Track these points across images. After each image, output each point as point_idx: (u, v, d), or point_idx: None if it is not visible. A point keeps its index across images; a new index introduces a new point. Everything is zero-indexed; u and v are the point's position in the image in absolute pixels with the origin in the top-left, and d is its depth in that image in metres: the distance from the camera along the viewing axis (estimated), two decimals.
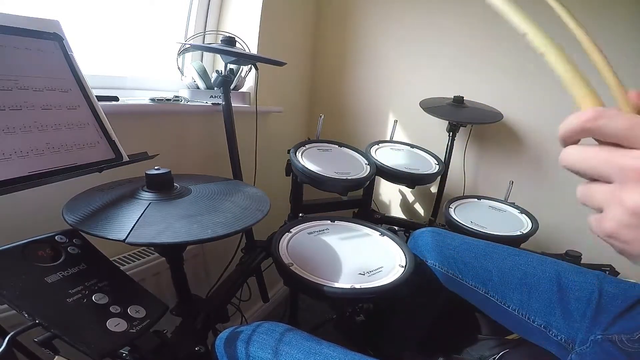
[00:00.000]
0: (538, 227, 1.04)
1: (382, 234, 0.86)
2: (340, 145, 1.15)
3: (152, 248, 0.83)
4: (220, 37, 0.92)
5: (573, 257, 0.99)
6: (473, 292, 0.73)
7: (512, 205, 1.16)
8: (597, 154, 0.23)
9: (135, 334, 0.43)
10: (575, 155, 0.24)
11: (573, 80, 0.27)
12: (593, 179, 0.24)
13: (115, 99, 0.81)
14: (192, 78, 1.05)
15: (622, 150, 0.22)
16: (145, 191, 0.59)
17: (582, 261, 1.00)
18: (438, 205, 1.32)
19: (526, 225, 1.06)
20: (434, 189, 1.43)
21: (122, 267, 0.76)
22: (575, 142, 0.25)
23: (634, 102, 0.27)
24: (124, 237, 0.46)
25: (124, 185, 0.64)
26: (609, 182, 0.23)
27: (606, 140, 0.23)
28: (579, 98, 0.26)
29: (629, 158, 0.22)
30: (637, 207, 0.21)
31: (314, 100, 1.67)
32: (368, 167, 1.07)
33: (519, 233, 1.01)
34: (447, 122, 1.23)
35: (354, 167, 1.06)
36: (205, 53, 1.20)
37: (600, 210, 0.24)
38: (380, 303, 1.00)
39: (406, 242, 0.86)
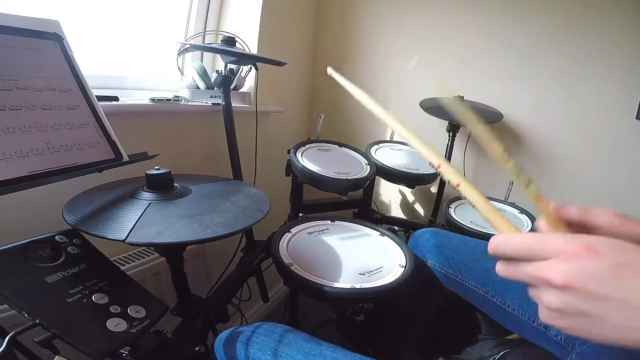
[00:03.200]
0: None
1: (382, 234, 0.86)
2: (340, 145, 1.15)
3: (152, 248, 0.82)
4: (220, 37, 0.92)
5: None
6: (473, 292, 0.73)
7: (512, 205, 1.16)
8: (516, 269, 0.29)
9: (135, 334, 0.43)
10: (503, 271, 0.30)
11: (489, 211, 0.32)
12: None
13: (115, 99, 0.81)
14: (192, 78, 1.05)
15: (531, 264, 0.28)
16: (146, 191, 0.59)
17: None
18: (438, 205, 1.32)
19: (526, 225, 1.06)
20: (434, 189, 1.43)
21: (122, 267, 0.76)
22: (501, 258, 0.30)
23: (554, 214, 0.34)
24: (124, 237, 0.46)
25: (124, 185, 0.64)
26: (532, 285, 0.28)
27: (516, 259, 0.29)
28: (496, 227, 0.31)
29: (536, 271, 0.27)
30: (555, 306, 0.26)
31: (314, 100, 1.67)
32: (368, 167, 1.07)
33: None
34: (447, 122, 1.23)
35: (354, 167, 1.06)
36: (205, 53, 1.20)
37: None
38: (380, 303, 1.00)
39: (406, 242, 0.86)
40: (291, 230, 0.81)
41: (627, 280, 0.24)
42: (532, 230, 1.03)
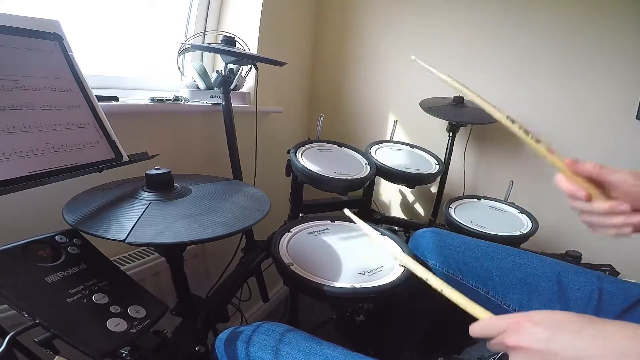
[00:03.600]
0: (538, 227, 1.04)
1: (382, 234, 0.86)
2: (340, 145, 1.15)
3: (152, 248, 0.82)
4: (220, 37, 0.92)
5: (573, 257, 0.99)
6: (473, 292, 0.73)
7: (512, 205, 1.16)
8: (491, 341, 0.40)
9: (135, 334, 0.43)
10: (488, 343, 0.41)
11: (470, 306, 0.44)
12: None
13: (115, 99, 0.81)
14: (192, 78, 1.05)
15: (495, 337, 0.39)
16: (146, 191, 0.59)
17: (582, 261, 1.00)
18: (438, 205, 1.32)
19: (526, 225, 1.06)
20: (434, 189, 1.43)
21: (122, 267, 0.76)
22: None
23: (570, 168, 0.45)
24: (124, 237, 0.46)
25: (124, 185, 0.64)
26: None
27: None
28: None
29: (497, 339, 0.38)
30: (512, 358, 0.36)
31: (314, 100, 1.67)
32: (368, 167, 1.07)
33: (519, 233, 1.01)
34: (447, 122, 1.23)
35: (354, 167, 1.06)
36: (205, 53, 1.20)
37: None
38: (380, 303, 1.00)
39: (406, 242, 0.86)
40: (291, 230, 0.81)
41: (556, 337, 0.33)
42: (532, 230, 1.02)
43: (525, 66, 1.26)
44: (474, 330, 0.41)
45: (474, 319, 0.43)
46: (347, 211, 0.67)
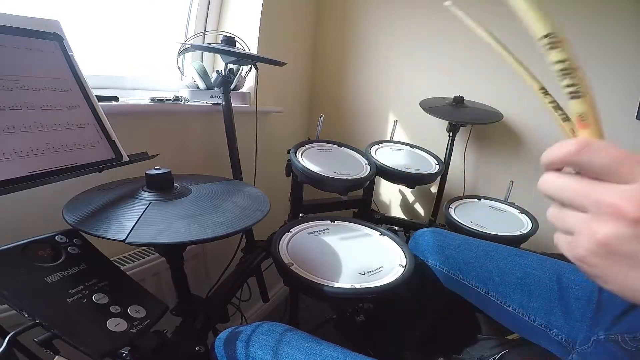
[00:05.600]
0: (538, 227, 1.04)
1: (382, 234, 0.86)
2: (340, 145, 1.15)
3: (152, 248, 0.82)
4: (220, 37, 0.92)
5: None
6: (473, 292, 0.73)
7: (512, 205, 1.16)
8: (576, 186, 0.24)
9: (135, 334, 0.43)
10: (554, 184, 0.26)
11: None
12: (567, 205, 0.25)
13: (115, 99, 0.81)
14: (192, 78, 1.05)
15: (601, 185, 0.23)
16: (146, 191, 0.59)
17: None
18: (438, 205, 1.32)
19: (526, 225, 1.06)
20: (434, 189, 1.43)
21: (122, 267, 0.76)
22: (558, 169, 0.26)
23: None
24: (124, 237, 0.46)
25: (124, 185, 0.64)
26: (583, 212, 0.24)
27: (586, 173, 0.24)
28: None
29: (606, 194, 0.23)
30: (607, 239, 0.22)
31: (314, 100, 1.67)
32: (368, 167, 1.07)
33: (519, 233, 1.01)
34: (447, 122, 1.23)
35: (354, 167, 1.06)
36: (205, 53, 1.20)
37: (569, 233, 0.26)
38: (380, 303, 1.00)
39: (406, 242, 0.86)
40: (291, 230, 0.81)
41: None
42: (532, 230, 1.02)
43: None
44: (585, 148, 0.24)
45: (472, 319, 0.39)
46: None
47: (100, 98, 0.70)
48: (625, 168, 0.22)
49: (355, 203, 1.24)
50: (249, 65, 1.09)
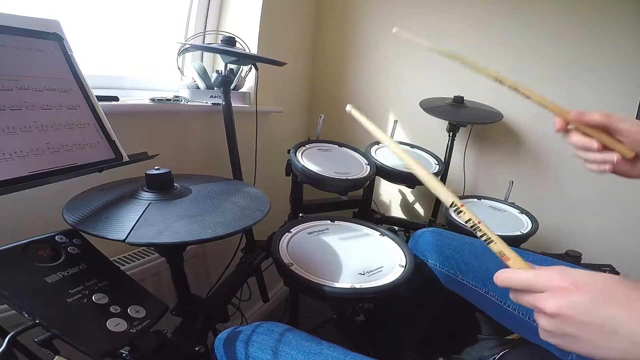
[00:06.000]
0: (538, 227, 1.04)
1: (382, 234, 0.86)
2: (340, 145, 1.15)
3: (152, 248, 0.82)
4: (220, 37, 0.92)
5: (573, 257, 0.99)
6: (473, 291, 0.73)
7: (512, 205, 1.16)
8: (519, 297, 0.36)
9: (135, 334, 0.43)
10: (511, 297, 0.37)
11: (505, 247, 0.37)
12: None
13: (115, 99, 0.81)
14: (192, 78, 1.05)
15: (529, 294, 0.35)
16: (146, 191, 0.59)
17: (582, 261, 1.00)
18: (438, 205, 1.32)
19: (526, 225, 1.06)
20: None
21: (122, 267, 0.76)
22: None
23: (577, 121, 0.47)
24: (124, 237, 0.46)
25: (124, 185, 0.64)
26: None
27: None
28: (510, 263, 0.37)
29: (531, 299, 0.34)
30: (544, 327, 0.34)
31: (314, 100, 1.67)
32: (368, 167, 1.07)
33: (519, 233, 1.01)
34: (447, 122, 1.23)
35: (354, 167, 1.06)
36: (205, 53, 1.20)
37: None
38: (380, 303, 1.00)
39: (406, 242, 0.86)
40: (291, 230, 0.81)
41: (603, 309, 0.30)
42: (532, 230, 1.02)
43: (525, 67, 1.26)
44: (503, 278, 0.36)
45: (472, 319, 0.42)
46: (349, 107, 0.52)
47: (100, 98, 0.70)
48: (534, 285, 0.34)
49: (355, 203, 1.24)
50: (249, 65, 1.09)
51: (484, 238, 0.38)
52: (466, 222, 0.38)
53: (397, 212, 1.58)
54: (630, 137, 0.45)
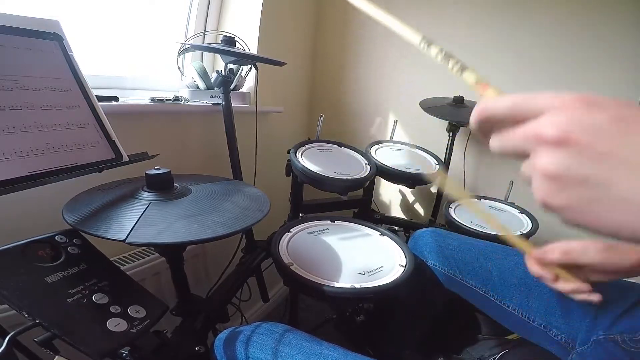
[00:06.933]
0: (538, 227, 1.04)
1: (382, 234, 0.86)
2: (340, 145, 1.15)
3: (152, 248, 0.82)
4: (220, 37, 0.92)
5: None
6: (473, 292, 0.73)
7: (512, 205, 1.16)
8: (511, 134, 0.25)
9: (135, 334, 0.43)
10: (496, 141, 0.26)
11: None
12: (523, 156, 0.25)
13: (115, 99, 0.81)
14: (192, 78, 1.05)
15: (525, 124, 0.24)
16: (146, 191, 0.59)
17: None
18: (438, 205, 1.32)
19: (526, 225, 1.06)
20: (434, 189, 1.43)
21: (122, 267, 0.76)
22: (489, 132, 0.27)
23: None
24: (124, 237, 0.46)
25: (124, 185, 0.64)
26: (528, 155, 0.24)
27: (505, 124, 0.25)
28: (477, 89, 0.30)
29: (528, 128, 0.23)
30: (545, 169, 0.22)
31: (314, 100, 1.67)
32: (368, 167, 1.07)
33: (518, 233, 1.01)
34: (447, 122, 1.23)
35: (354, 167, 1.06)
36: (205, 53, 1.20)
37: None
38: (380, 303, 1.00)
39: (406, 242, 0.86)
40: (291, 230, 0.81)
41: (633, 135, 0.20)
42: (532, 230, 1.02)
43: (524, 67, 1.26)
44: (482, 107, 0.26)
45: (472, 319, 0.42)
46: None
47: (100, 98, 0.70)
48: (527, 106, 0.23)
49: (355, 203, 1.24)
50: (249, 65, 1.09)
51: (455, 69, 0.32)
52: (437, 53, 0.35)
53: (397, 212, 1.58)
54: (593, 267, 0.48)
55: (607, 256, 0.47)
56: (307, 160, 0.98)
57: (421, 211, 1.53)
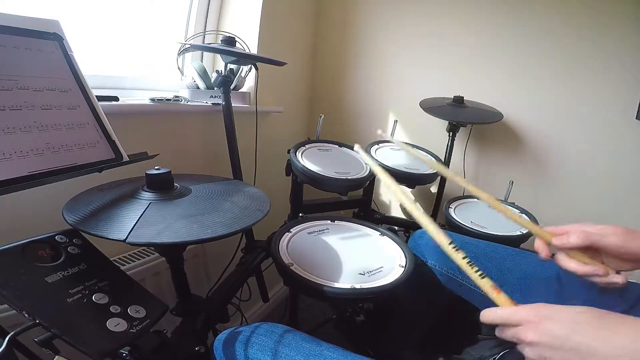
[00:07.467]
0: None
1: (382, 234, 0.86)
2: (340, 145, 1.15)
3: (152, 248, 0.82)
4: (220, 37, 0.92)
5: None
6: (472, 292, 0.73)
7: (512, 205, 1.16)
8: (504, 331, 0.41)
9: (135, 334, 0.43)
10: (497, 332, 0.43)
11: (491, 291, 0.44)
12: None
13: (115, 99, 0.81)
14: (192, 78, 1.05)
15: (513, 327, 0.40)
16: (146, 191, 0.59)
17: None
18: (438, 205, 1.32)
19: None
20: (434, 189, 1.43)
21: (122, 267, 0.76)
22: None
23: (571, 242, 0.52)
24: (124, 237, 0.46)
25: (124, 185, 0.64)
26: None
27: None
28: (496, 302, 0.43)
29: (513, 332, 0.40)
30: (528, 355, 0.39)
31: (314, 100, 1.67)
32: (368, 167, 1.07)
33: (519, 233, 1.01)
34: (447, 122, 1.23)
35: (354, 167, 1.06)
36: (205, 53, 1.20)
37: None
38: (380, 303, 1.00)
39: (406, 242, 0.86)
40: (291, 230, 0.81)
41: (573, 336, 0.35)
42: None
43: (524, 67, 1.26)
44: (487, 316, 0.42)
45: (472, 318, 0.44)
46: (357, 146, 0.70)
47: (100, 98, 0.70)
48: (512, 321, 0.40)
49: (355, 203, 1.24)
50: (249, 65, 1.09)
51: (478, 273, 0.45)
52: (462, 258, 0.47)
53: (397, 212, 1.58)
54: (612, 253, 0.48)
55: (626, 239, 0.47)
56: (307, 160, 0.98)
57: None
